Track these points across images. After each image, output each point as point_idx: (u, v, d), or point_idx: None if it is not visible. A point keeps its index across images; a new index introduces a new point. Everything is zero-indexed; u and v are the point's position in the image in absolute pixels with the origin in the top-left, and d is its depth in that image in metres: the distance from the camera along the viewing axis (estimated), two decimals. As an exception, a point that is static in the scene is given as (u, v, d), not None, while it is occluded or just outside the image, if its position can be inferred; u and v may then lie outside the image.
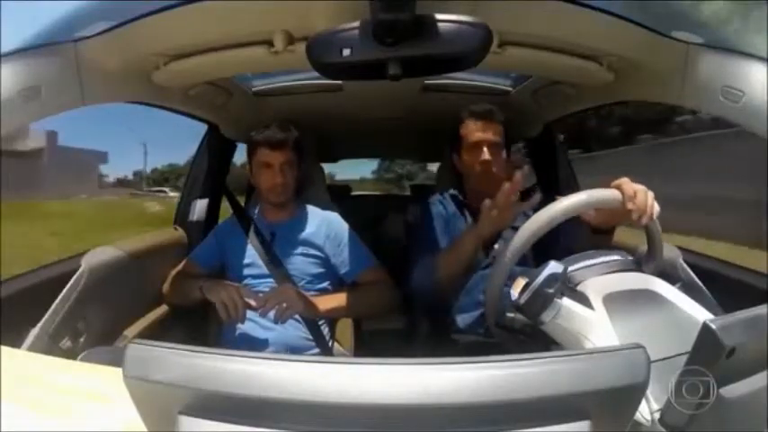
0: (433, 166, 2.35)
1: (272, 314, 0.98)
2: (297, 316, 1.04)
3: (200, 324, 1.26)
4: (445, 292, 1.03)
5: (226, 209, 1.50)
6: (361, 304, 1.13)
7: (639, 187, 0.69)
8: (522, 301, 0.57)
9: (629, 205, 0.67)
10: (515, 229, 1.05)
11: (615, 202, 0.68)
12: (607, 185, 0.71)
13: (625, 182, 0.69)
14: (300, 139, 1.18)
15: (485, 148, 1.05)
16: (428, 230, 1.10)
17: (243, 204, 1.51)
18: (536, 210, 0.71)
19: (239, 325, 1.04)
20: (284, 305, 0.98)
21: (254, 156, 1.15)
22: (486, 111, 1.08)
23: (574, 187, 1.56)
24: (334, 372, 0.33)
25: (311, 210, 1.23)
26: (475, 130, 1.07)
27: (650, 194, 0.68)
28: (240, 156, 1.61)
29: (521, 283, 0.58)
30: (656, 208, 0.68)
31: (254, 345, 1.06)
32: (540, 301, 0.56)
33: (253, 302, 0.99)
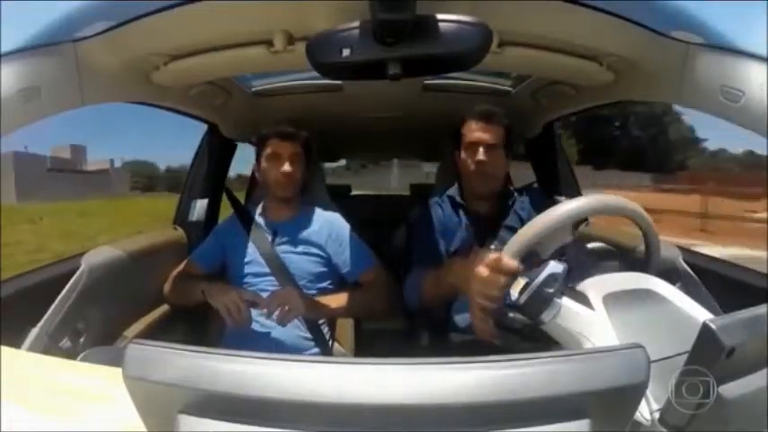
0: (433, 166, 2.35)
1: (274, 315, 0.98)
2: None
3: (200, 324, 1.26)
4: (433, 308, 1.05)
5: (225, 209, 1.50)
6: (363, 305, 1.14)
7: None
8: (522, 301, 0.57)
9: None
10: (510, 228, 1.06)
11: None
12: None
13: None
14: (309, 140, 1.19)
15: (481, 149, 1.06)
16: (424, 235, 1.10)
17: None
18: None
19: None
20: (286, 308, 0.98)
21: (265, 148, 1.16)
22: (488, 112, 1.09)
23: (574, 187, 1.56)
24: (334, 372, 0.32)
25: (313, 209, 1.23)
26: (474, 130, 1.08)
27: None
28: (240, 156, 1.61)
29: (520, 283, 0.58)
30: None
31: (253, 345, 1.06)
32: (539, 300, 0.56)
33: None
